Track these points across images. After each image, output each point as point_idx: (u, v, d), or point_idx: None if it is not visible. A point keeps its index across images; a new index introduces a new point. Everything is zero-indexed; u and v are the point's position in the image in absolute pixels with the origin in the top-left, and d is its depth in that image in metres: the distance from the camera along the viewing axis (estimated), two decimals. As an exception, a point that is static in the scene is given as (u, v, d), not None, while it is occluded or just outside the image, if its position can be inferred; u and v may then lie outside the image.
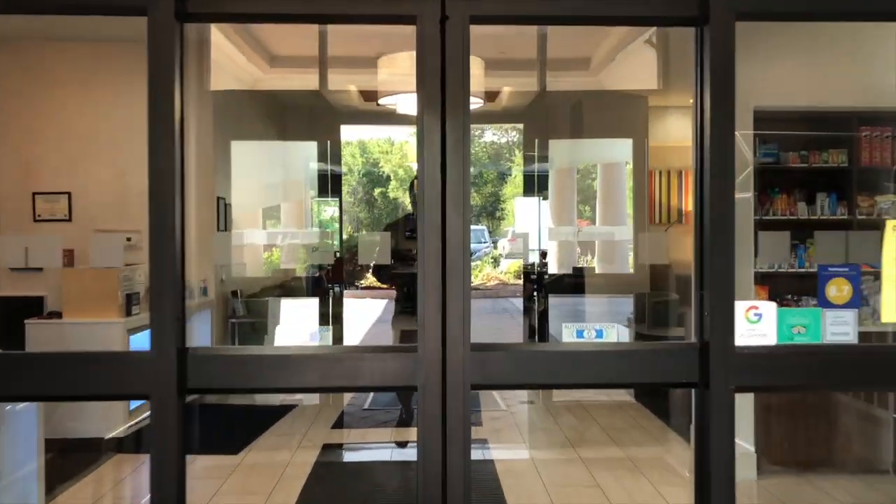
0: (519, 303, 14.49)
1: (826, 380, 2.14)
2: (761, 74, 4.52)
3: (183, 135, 2.14)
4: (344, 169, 22.35)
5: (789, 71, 4.60)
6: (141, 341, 5.41)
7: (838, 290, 2.16)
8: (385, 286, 4.16)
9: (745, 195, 4.24)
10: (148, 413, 2.08)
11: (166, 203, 2.07)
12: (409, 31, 2.22)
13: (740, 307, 2.15)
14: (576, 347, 2.21)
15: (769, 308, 2.15)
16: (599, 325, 2.21)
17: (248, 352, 2.20)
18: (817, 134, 4.82)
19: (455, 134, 2.16)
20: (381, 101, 5.13)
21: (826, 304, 2.17)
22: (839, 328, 2.14)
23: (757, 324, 2.15)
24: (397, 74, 4.77)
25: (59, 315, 5.33)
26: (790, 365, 2.15)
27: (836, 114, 4.72)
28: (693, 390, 2.21)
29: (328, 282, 10.02)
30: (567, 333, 2.21)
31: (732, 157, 2.17)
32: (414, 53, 2.19)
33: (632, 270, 8.92)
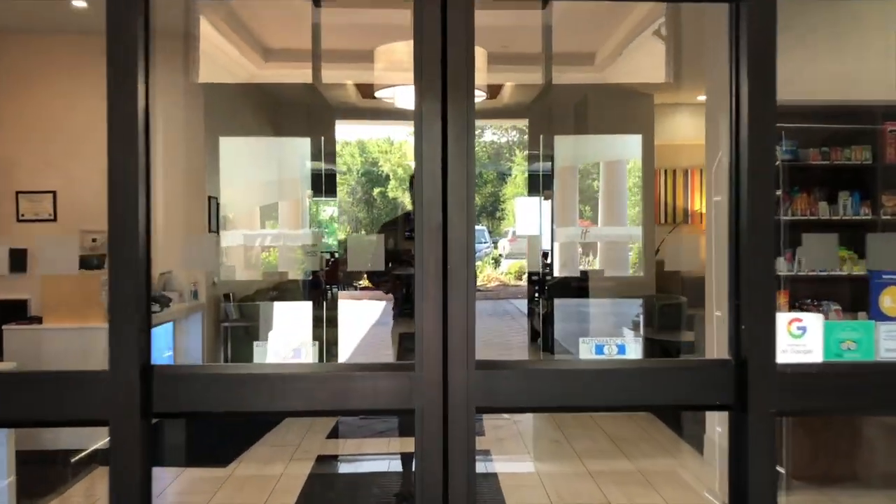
0: (520, 304, 14.27)
1: (881, 403, 1.88)
2: (780, 66, 4.26)
3: (149, 126, 1.89)
4: (343, 168, 22.14)
5: (810, 63, 4.34)
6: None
7: (893, 300, 1.90)
8: (383, 291, 3.87)
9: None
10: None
11: (128, 201, 1.81)
12: (407, 22, 1.97)
13: (782, 320, 1.89)
14: (595, 365, 1.95)
15: (815, 321, 1.89)
16: (621, 340, 1.95)
17: (223, 370, 1.95)
18: (840, 125, 4.56)
19: (458, 124, 1.90)
20: (377, 94, 4.88)
21: (880, 315, 1.91)
22: (895, 343, 1.88)
23: (800, 338, 1.89)
24: (394, 65, 4.51)
25: (39, 320, 5.08)
26: (839, 385, 1.89)
27: (860, 108, 4.46)
28: (728, 413, 1.95)
29: (325, 283, 9.76)
30: (585, 349, 1.95)
31: (773, 152, 1.92)
32: (412, 43, 1.94)
33: (631, 272, 8.68)
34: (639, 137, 6.52)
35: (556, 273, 7.85)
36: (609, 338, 1.94)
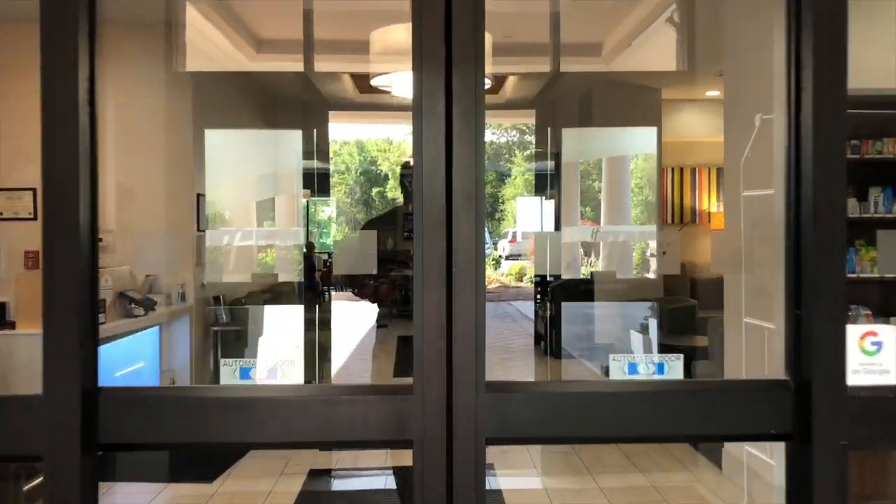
0: (521, 306, 13.95)
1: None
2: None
3: (94, 108, 1.58)
4: (341, 167, 21.83)
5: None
6: (106, 355, 4.84)
7: None
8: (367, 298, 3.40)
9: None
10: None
11: (64, 193, 1.50)
12: (405, 9, 1.66)
13: (853, 333, 1.58)
14: (627, 388, 1.63)
15: (893, 334, 1.58)
16: (659, 358, 1.64)
17: (185, 393, 1.63)
18: (871, 113, 4.22)
19: (465, 97, 1.59)
20: (373, 82, 4.57)
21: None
22: None
23: (875, 356, 1.59)
24: (391, 50, 4.19)
25: (12, 325, 4.76)
26: (923, 412, 1.58)
27: (893, 97, 4.14)
28: (785, 444, 1.64)
29: (322, 285, 9.44)
30: (616, 368, 1.64)
31: (843, 138, 1.61)
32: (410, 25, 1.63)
33: (634, 273, 8.36)
34: (653, 130, 6.20)
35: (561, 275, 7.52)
36: (645, 355, 1.63)
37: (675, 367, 1.65)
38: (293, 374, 1.71)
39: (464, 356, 1.57)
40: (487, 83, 5.60)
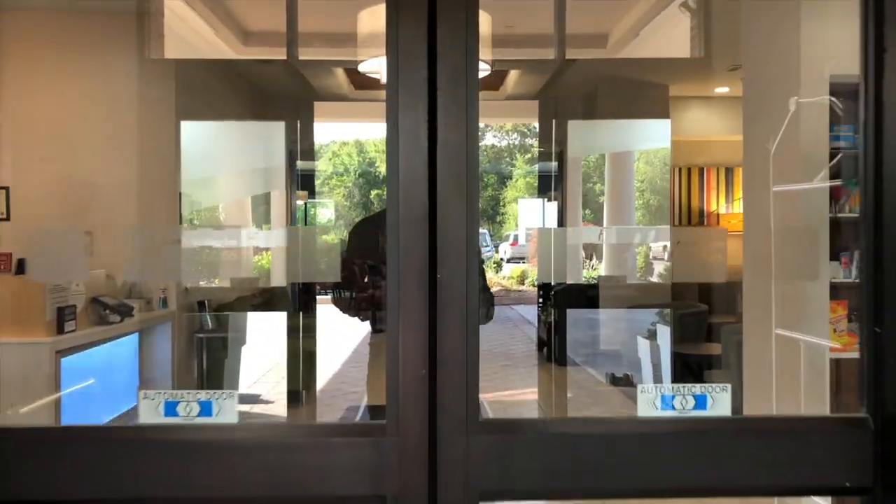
0: (522, 310, 13.62)
1: None
2: (839, 35, 3.61)
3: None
4: (340, 169, 21.54)
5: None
6: (76, 366, 4.50)
7: None
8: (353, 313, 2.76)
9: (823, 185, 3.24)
10: None
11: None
12: None
13: (951, 359, 1.23)
14: (658, 428, 1.28)
15: None
16: (700, 388, 1.28)
17: (97, 434, 1.29)
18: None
19: (452, 57, 1.24)
20: (361, 68, 4.24)
21: None
22: None
23: (980, 388, 1.23)
24: (381, 33, 3.86)
25: (-24, 333, 4.42)
26: None
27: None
28: (861, 500, 1.29)
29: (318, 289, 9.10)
30: (645, 402, 1.28)
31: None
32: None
33: (638, 276, 8.04)
34: (666, 122, 5.83)
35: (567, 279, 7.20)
36: (682, 385, 1.28)
37: (720, 400, 1.29)
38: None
39: (451, 388, 1.23)
40: (487, 69, 5.19)
